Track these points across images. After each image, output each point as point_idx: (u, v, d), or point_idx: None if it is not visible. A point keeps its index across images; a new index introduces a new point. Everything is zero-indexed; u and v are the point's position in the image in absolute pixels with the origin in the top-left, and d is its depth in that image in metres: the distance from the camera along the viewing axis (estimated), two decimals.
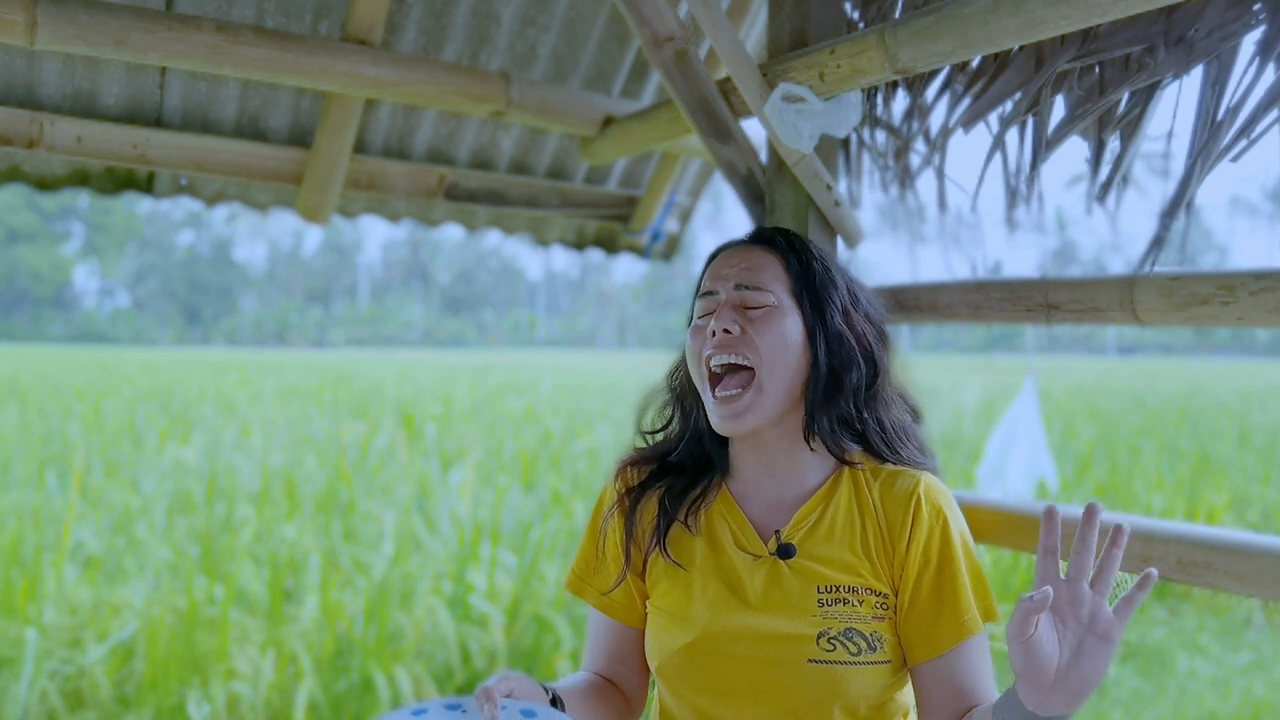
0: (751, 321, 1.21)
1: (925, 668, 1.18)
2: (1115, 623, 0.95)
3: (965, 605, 1.18)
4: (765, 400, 1.20)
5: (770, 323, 1.21)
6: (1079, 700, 0.95)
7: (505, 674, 1.06)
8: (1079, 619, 0.95)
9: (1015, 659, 0.95)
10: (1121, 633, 0.95)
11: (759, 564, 1.22)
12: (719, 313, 1.22)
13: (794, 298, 1.23)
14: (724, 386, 1.21)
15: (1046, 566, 0.96)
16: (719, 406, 1.21)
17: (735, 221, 63.49)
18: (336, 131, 2.03)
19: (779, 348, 1.20)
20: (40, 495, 6.40)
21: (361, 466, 7.81)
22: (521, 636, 4.41)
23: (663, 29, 1.65)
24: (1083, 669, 0.94)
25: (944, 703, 1.17)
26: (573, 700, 1.20)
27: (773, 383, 1.20)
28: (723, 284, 1.25)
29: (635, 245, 2.62)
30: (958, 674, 1.17)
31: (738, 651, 1.18)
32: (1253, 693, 4.74)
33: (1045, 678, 0.95)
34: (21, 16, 1.51)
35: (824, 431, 1.23)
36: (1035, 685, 0.95)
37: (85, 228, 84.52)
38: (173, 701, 3.77)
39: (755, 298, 1.23)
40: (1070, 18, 1.13)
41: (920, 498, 1.21)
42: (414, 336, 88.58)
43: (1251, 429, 13.12)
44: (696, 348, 1.24)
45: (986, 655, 1.20)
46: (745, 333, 1.20)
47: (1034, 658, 0.94)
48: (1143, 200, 2.76)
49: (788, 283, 1.24)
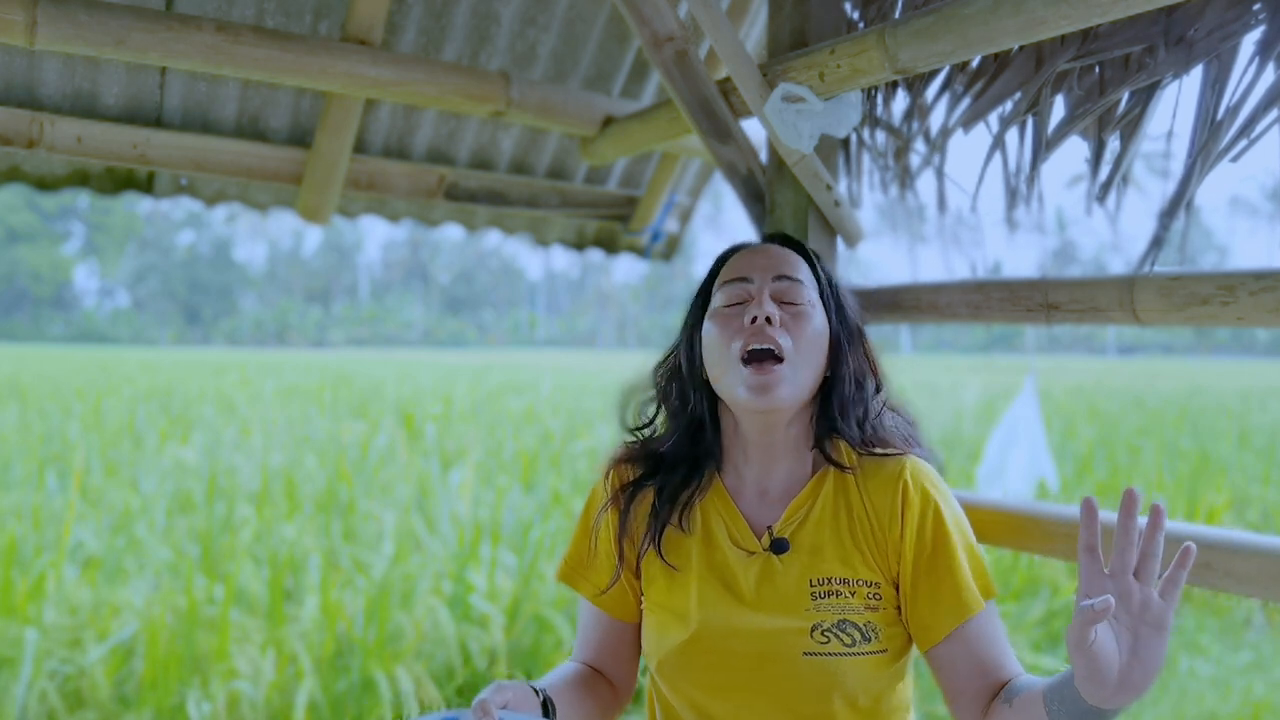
0: (789, 315, 1.22)
1: (939, 650, 1.17)
2: (1165, 608, 0.92)
3: (964, 583, 1.17)
4: (798, 381, 1.20)
5: (806, 319, 1.22)
6: (1141, 692, 0.94)
7: (500, 684, 1.06)
8: (1131, 613, 0.93)
9: (1078, 667, 0.93)
10: (1172, 617, 0.93)
11: (753, 560, 1.22)
12: (758, 299, 1.21)
13: (821, 300, 1.26)
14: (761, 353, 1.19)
15: (1090, 564, 0.94)
16: (751, 376, 1.18)
17: (735, 221, 63.50)
18: (336, 131, 2.03)
19: (812, 341, 1.21)
20: (40, 495, 6.39)
21: (361, 466, 7.81)
22: (521, 636, 4.41)
23: (663, 29, 1.65)
24: (1143, 663, 0.93)
25: (968, 682, 1.16)
26: (562, 696, 1.20)
27: (804, 370, 1.21)
28: (759, 273, 1.24)
29: (635, 245, 2.62)
30: (973, 651, 1.16)
31: (734, 647, 1.19)
32: (1253, 693, 4.74)
33: (1110, 679, 0.93)
34: (21, 16, 1.50)
35: (834, 431, 1.24)
36: (1100, 685, 0.93)
37: (85, 228, 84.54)
38: (173, 701, 3.77)
39: (792, 291, 1.23)
40: (1070, 18, 1.13)
41: (907, 482, 1.21)
42: (414, 336, 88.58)
43: (1251, 429, 13.11)
44: (725, 337, 1.22)
45: (998, 626, 1.19)
46: (783, 324, 1.20)
47: (1096, 663, 0.92)
48: (1143, 200, 2.76)
49: (816, 285, 1.27)
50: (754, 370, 1.18)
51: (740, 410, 1.24)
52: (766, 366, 1.18)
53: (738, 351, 1.20)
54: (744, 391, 1.19)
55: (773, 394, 1.18)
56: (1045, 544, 1.51)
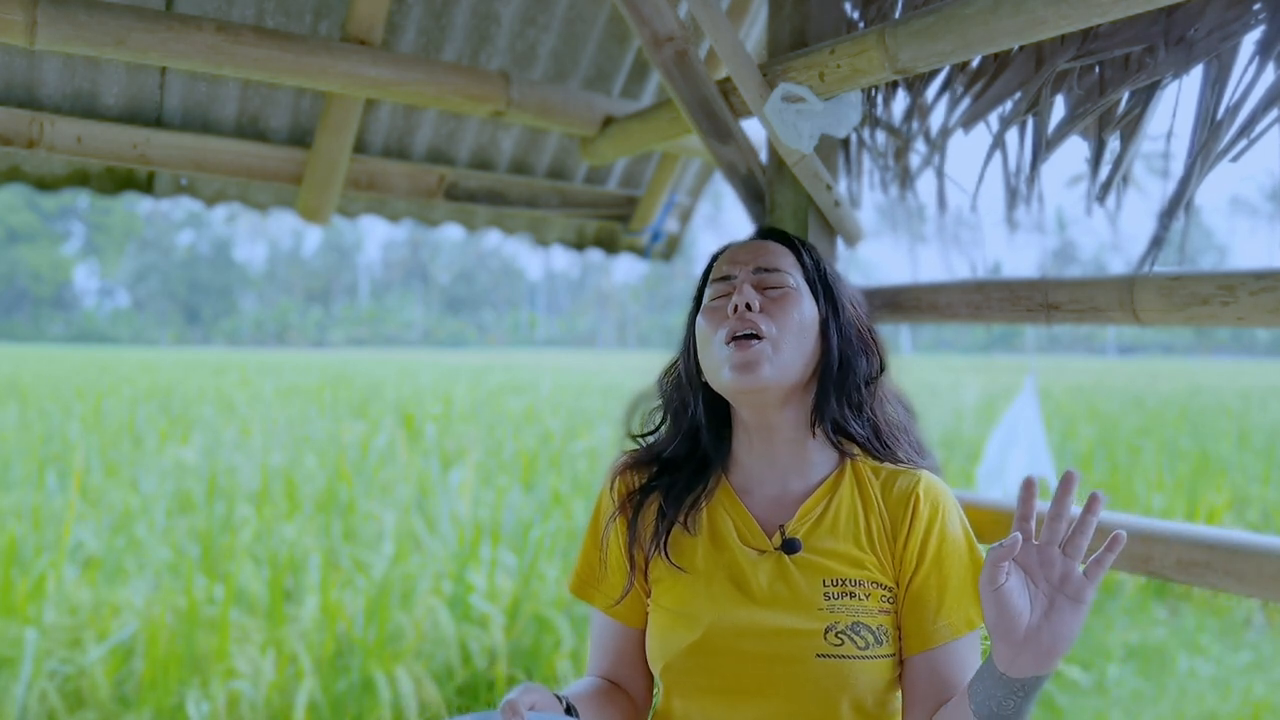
0: (771, 301, 1.23)
1: (917, 659, 1.18)
2: (1086, 584, 0.96)
3: (962, 602, 1.18)
4: (780, 360, 1.20)
5: (788, 302, 1.24)
6: (1049, 661, 0.97)
7: (529, 686, 1.08)
8: (1050, 581, 0.97)
9: (987, 611, 0.98)
10: (1092, 594, 0.97)
11: (763, 559, 1.22)
12: (739, 289, 1.23)
13: (809, 284, 1.27)
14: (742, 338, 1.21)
15: (1021, 530, 0.98)
16: (734, 354, 1.20)
17: (735, 221, 63.47)
18: (336, 131, 2.03)
19: (796, 325, 1.23)
20: (40, 495, 6.40)
21: (361, 466, 7.81)
22: (521, 636, 4.40)
23: (663, 29, 1.65)
24: (1053, 627, 0.96)
25: (929, 694, 1.17)
26: (586, 708, 1.20)
27: (789, 351, 1.21)
28: (740, 269, 1.27)
29: (635, 245, 2.62)
30: (946, 668, 1.17)
31: (745, 648, 1.18)
32: (1253, 693, 4.74)
33: (1016, 633, 0.97)
34: (21, 16, 1.50)
35: (832, 417, 1.24)
36: (1007, 641, 0.97)
37: (85, 228, 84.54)
38: (172, 701, 3.77)
39: (773, 279, 1.25)
40: (1070, 18, 1.13)
41: (920, 495, 1.22)
42: (414, 336, 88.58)
43: (1251, 429, 13.12)
44: (711, 328, 1.24)
45: (977, 652, 1.20)
46: (765, 310, 1.22)
47: (1005, 611, 0.96)
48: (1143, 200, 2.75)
49: (802, 271, 1.28)
50: (736, 348, 1.20)
51: (731, 396, 1.25)
52: (746, 343, 1.20)
53: (723, 338, 1.22)
54: (728, 372, 1.21)
55: (756, 371, 1.19)
56: None
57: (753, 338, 1.20)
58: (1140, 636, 5.60)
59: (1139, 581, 6.15)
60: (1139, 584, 6.23)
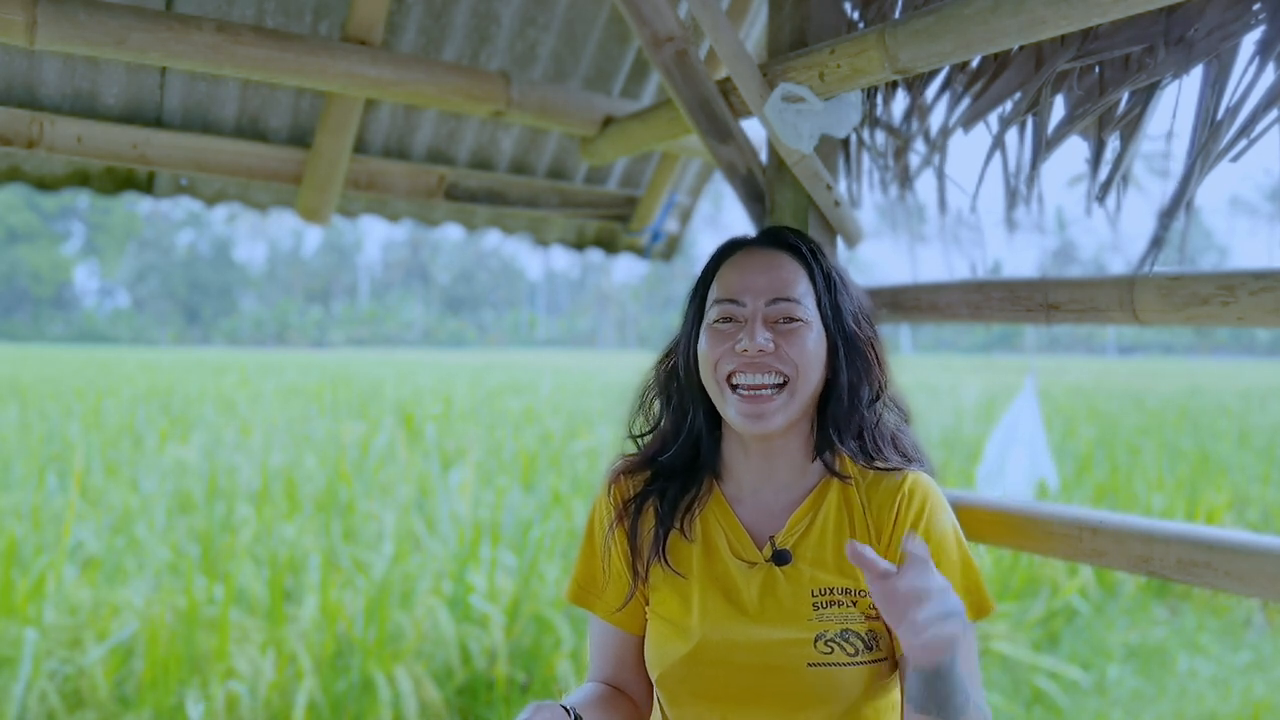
0: (783, 335, 1.21)
1: (905, 656, 1.18)
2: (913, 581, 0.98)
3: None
4: (793, 405, 1.21)
5: (801, 337, 1.21)
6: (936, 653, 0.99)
7: (538, 705, 1.09)
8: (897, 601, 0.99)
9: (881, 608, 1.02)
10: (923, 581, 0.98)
11: (754, 570, 1.23)
12: (751, 328, 1.20)
13: (819, 310, 1.24)
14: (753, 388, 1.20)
15: None
16: (746, 404, 1.19)
17: (735, 221, 63.48)
18: (336, 131, 2.03)
19: (809, 362, 1.21)
20: (40, 495, 6.39)
21: (361, 466, 7.81)
22: (521, 636, 4.40)
23: (663, 29, 1.65)
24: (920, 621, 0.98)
25: None
26: (590, 713, 1.21)
27: (802, 391, 1.21)
28: (752, 297, 1.23)
29: (635, 245, 2.62)
30: None
31: (737, 659, 1.19)
32: (1253, 693, 4.73)
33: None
34: (21, 16, 1.51)
35: (835, 444, 1.24)
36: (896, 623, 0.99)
37: (85, 228, 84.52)
38: (172, 701, 3.77)
39: (786, 309, 1.22)
40: (1070, 18, 1.13)
41: (905, 494, 1.22)
42: (414, 336, 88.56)
43: (1251, 429, 13.12)
44: (714, 356, 1.22)
45: (971, 648, 1.19)
46: (779, 349, 1.20)
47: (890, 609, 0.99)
48: (1143, 200, 2.75)
49: (814, 296, 1.25)
50: (744, 399, 1.19)
51: (737, 431, 1.24)
52: (759, 396, 1.19)
53: (724, 374, 1.21)
54: (736, 416, 1.21)
55: (765, 422, 1.20)
56: (1045, 544, 1.52)
57: (766, 387, 1.19)
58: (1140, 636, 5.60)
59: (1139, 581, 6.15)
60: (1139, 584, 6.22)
